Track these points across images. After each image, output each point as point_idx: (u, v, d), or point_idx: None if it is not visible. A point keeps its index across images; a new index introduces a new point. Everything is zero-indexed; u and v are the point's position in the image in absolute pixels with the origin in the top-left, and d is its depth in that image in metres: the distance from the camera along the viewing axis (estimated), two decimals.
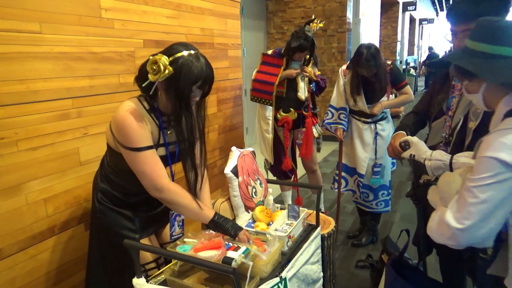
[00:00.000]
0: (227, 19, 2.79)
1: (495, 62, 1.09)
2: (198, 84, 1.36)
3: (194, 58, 1.34)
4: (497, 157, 1.01)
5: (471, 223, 1.05)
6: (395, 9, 10.82)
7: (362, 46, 2.64)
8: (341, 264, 2.70)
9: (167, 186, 1.38)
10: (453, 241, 1.10)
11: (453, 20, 1.51)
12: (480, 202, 1.04)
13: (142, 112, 1.39)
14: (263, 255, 1.38)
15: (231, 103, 2.93)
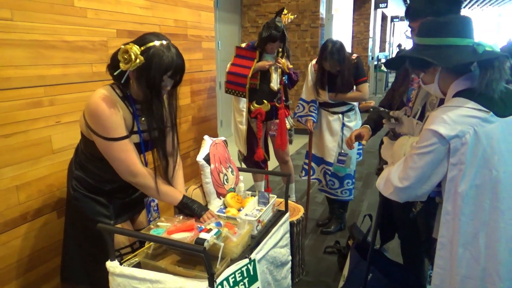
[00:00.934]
0: (201, 11, 2.82)
1: (444, 51, 1.25)
2: (169, 74, 1.40)
3: (165, 48, 1.38)
4: (435, 130, 1.19)
5: (409, 184, 1.28)
6: (367, 6, 11.05)
7: (328, 40, 2.76)
8: (311, 250, 2.82)
9: (141, 171, 1.44)
10: (394, 196, 1.34)
11: (412, 17, 1.64)
12: (417, 168, 1.25)
13: (115, 99, 1.42)
14: (233, 237, 1.45)
15: (205, 94, 2.98)
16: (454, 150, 1.19)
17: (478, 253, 1.20)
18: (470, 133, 1.17)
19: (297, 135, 4.87)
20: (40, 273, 1.78)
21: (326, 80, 2.83)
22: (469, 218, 1.20)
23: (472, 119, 1.19)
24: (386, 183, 1.36)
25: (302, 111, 3.03)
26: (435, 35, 1.28)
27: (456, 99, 1.25)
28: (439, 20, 1.30)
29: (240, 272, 1.43)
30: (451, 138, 1.18)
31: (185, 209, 1.53)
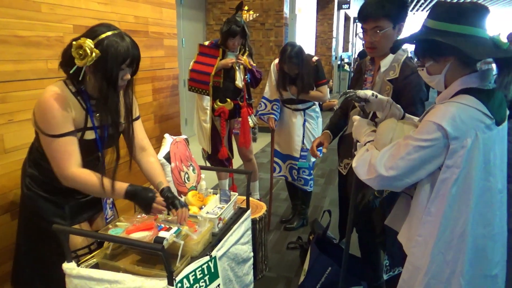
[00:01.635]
0: (162, 8, 2.79)
1: (468, 40, 1.13)
2: (127, 63, 1.38)
3: (118, 38, 1.35)
4: (441, 125, 1.11)
5: (395, 174, 1.19)
6: (330, 6, 11.28)
7: (288, 44, 2.84)
8: (274, 247, 2.87)
9: (72, 175, 1.38)
10: (373, 182, 1.25)
11: (364, 19, 1.70)
12: (410, 159, 1.16)
13: (68, 95, 1.38)
14: (194, 235, 1.46)
15: (167, 92, 2.95)
16: (453, 152, 1.12)
17: (450, 258, 1.17)
18: (471, 137, 1.11)
19: (262, 133, 4.93)
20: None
21: (287, 81, 2.89)
22: (449, 223, 1.16)
23: (478, 123, 1.13)
24: (368, 166, 1.25)
25: (264, 109, 3.07)
26: (455, 21, 1.15)
27: (466, 97, 1.16)
28: (460, 5, 1.17)
29: (200, 270, 1.43)
30: (453, 138, 1.11)
31: (135, 199, 1.43)
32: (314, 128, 3.05)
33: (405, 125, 1.33)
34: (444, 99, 1.22)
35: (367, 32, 1.71)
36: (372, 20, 1.66)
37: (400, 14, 1.67)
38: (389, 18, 1.65)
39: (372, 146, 1.33)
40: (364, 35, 1.74)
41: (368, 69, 1.88)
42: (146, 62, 2.67)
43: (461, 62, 1.18)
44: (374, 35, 1.68)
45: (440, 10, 1.19)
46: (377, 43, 1.70)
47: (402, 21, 1.71)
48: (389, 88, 1.72)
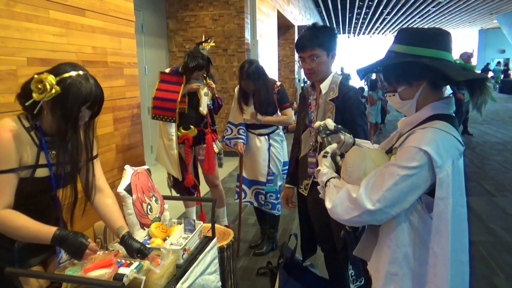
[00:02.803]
0: (121, 38, 2.78)
1: (441, 63, 1.13)
2: (87, 105, 1.36)
3: (83, 78, 1.35)
4: (426, 151, 1.06)
5: (382, 207, 1.10)
6: (291, 31, 11.65)
7: (246, 61, 2.92)
8: (244, 273, 2.82)
9: None
10: (360, 218, 1.14)
11: (301, 48, 1.90)
12: (397, 190, 1.09)
13: (20, 130, 1.33)
14: (156, 268, 1.41)
15: (128, 122, 2.90)
16: (441, 182, 1.08)
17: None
18: (450, 165, 1.09)
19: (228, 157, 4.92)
20: None
21: (249, 97, 2.93)
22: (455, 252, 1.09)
23: (455, 150, 1.12)
24: (351, 205, 1.15)
25: (230, 133, 3.08)
26: (425, 45, 1.15)
27: (441, 122, 1.14)
28: (427, 30, 1.19)
29: None
30: (438, 166, 1.07)
31: (63, 245, 1.34)
32: (279, 152, 3.08)
33: (373, 153, 1.26)
34: (413, 123, 1.21)
35: (305, 60, 1.91)
36: (309, 49, 1.87)
37: (331, 44, 1.89)
38: (323, 47, 1.87)
39: (343, 182, 1.24)
40: (302, 63, 1.94)
41: (310, 95, 2.06)
42: (106, 92, 2.57)
43: (432, 87, 1.19)
44: (311, 62, 1.90)
45: (408, 35, 1.20)
46: (315, 69, 1.91)
47: (334, 50, 1.92)
48: (331, 107, 1.90)
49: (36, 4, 2.01)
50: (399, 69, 1.20)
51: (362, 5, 17.58)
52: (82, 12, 2.35)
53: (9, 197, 1.32)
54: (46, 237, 1.33)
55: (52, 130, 1.39)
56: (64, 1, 2.20)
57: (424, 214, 1.15)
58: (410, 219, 1.17)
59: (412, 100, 1.20)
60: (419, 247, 1.16)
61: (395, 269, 1.18)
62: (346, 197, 1.17)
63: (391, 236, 1.19)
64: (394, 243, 1.18)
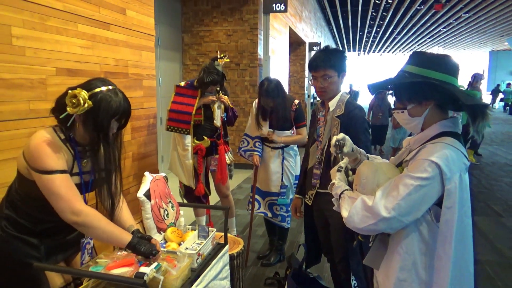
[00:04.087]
0: (141, 51, 2.91)
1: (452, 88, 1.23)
2: (116, 118, 1.47)
3: (112, 93, 1.45)
4: (438, 163, 1.15)
5: (396, 215, 1.17)
6: (302, 48, 11.83)
7: (265, 79, 3.00)
8: (252, 282, 2.87)
9: (85, 210, 1.40)
10: (376, 226, 1.21)
11: (315, 68, 2.03)
12: (411, 199, 1.17)
13: (57, 142, 1.43)
14: (173, 270, 1.49)
15: (145, 131, 3.01)
16: (448, 193, 1.17)
17: None
18: (458, 178, 1.17)
19: (238, 169, 5.01)
20: None
21: (267, 113, 3.03)
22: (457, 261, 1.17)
23: (462, 164, 1.20)
24: (367, 214, 1.22)
25: (247, 145, 3.17)
26: (437, 69, 1.25)
27: (451, 139, 1.23)
28: (438, 55, 1.29)
29: None
30: (447, 178, 1.16)
31: (135, 251, 1.46)
32: (292, 166, 3.15)
33: (384, 166, 1.35)
34: (422, 141, 1.30)
35: (317, 79, 2.04)
36: (322, 69, 2.01)
37: (342, 65, 2.03)
38: (335, 68, 2.00)
39: (357, 193, 1.32)
40: (314, 81, 2.07)
41: (320, 111, 2.18)
42: None
43: (438, 107, 1.28)
44: (323, 81, 2.03)
45: (421, 58, 1.30)
46: (326, 87, 2.04)
47: (344, 71, 2.06)
48: (337, 123, 2.01)
49: (66, 18, 2.14)
50: (411, 88, 1.28)
51: (373, 24, 17.80)
52: (107, 26, 2.49)
53: (79, 193, 1.43)
54: (122, 242, 1.45)
55: (85, 141, 1.50)
56: (92, 15, 2.34)
57: (432, 224, 1.22)
58: (420, 228, 1.24)
59: (420, 118, 1.30)
60: (428, 255, 1.23)
61: (404, 276, 1.25)
62: (362, 206, 1.24)
63: (401, 244, 1.26)
64: (404, 251, 1.25)
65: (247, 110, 6.40)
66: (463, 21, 16.00)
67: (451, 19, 15.55)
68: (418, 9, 14.44)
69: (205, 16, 6.49)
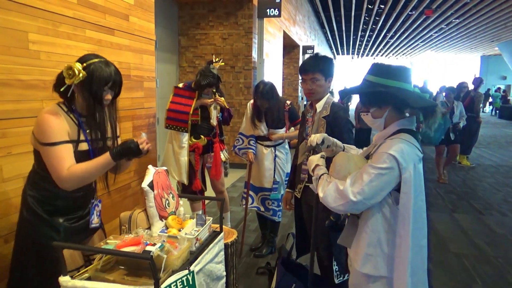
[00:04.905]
0: (143, 54, 3.11)
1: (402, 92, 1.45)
2: (109, 85, 1.65)
3: (104, 64, 1.64)
4: (394, 155, 1.37)
5: (361, 198, 1.39)
6: (296, 51, 12.08)
7: (261, 82, 3.22)
8: (245, 272, 3.07)
9: (67, 173, 1.56)
10: (344, 207, 1.44)
11: (305, 71, 2.25)
12: (373, 185, 1.38)
13: (61, 113, 1.61)
14: (174, 251, 1.68)
15: (145, 130, 3.20)
16: (404, 181, 1.38)
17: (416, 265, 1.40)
18: (412, 167, 1.39)
19: (233, 169, 5.21)
20: None
21: (260, 115, 3.24)
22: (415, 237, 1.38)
23: (415, 156, 1.42)
24: (339, 196, 1.44)
25: (241, 144, 3.38)
26: (392, 78, 1.47)
27: (406, 135, 1.44)
28: (394, 66, 1.51)
29: (181, 281, 1.65)
30: (403, 168, 1.37)
31: (123, 155, 1.63)
32: (283, 163, 3.37)
33: (356, 157, 1.60)
34: (383, 137, 1.53)
35: (306, 82, 2.26)
36: (311, 73, 2.23)
37: (329, 71, 2.25)
38: (322, 72, 2.22)
39: (332, 178, 1.54)
40: (303, 84, 2.29)
41: (308, 112, 2.40)
42: (127, 102, 2.94)
43: (396, 109, 1.52)
44: (311, 84, 2.24)
45: (379, 69, 1.53)
46: (314, 90, 2.24)
47: (331, 76, 2.29)
48: (323, 123, 2.22)
49: (76, 25, 2.33)
50: (371, 96, 1.53)
51: (366, 28, 18.10)
52: (112, 32, 2.68)
53: (72, 160, 1.60)
54: (108, 161, 1.61)
55: (84, 110, 1.67)
56: (98, 22, 2.53)
57: (393, 207, 1.45)
58: (383, 210, 1.47)
59: (381, 118, 1.54)
60: (390, 233, 1.45)
61: (371, 251, 1.48)
62: (335, 189, 1.47)
63: (368, 224, 1.49)
64: (370, 230, 1.48)
65: (242, 111, 6.60)
66: (454, 26, 16.35)
67: (442, 24, 15.90)
68: (409, 14, 14.76)
69: (201, 20, 6.69)
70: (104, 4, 2.58)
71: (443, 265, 3.29)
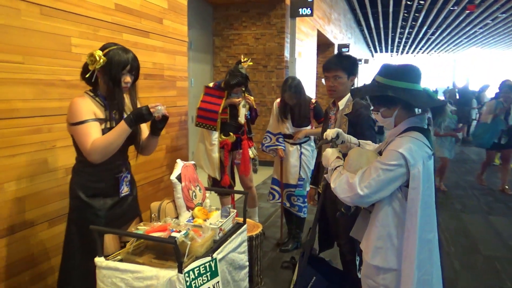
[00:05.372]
0: (175, 56, 3.28)
1: (410, 93, 1.50)
2: (127, 69, 1.81)
3: (121, 50, 1.80)
4: (403, 153, 1.44)
5: (368, 192, 1.46)
6: (331, 49, 12.01)
7: (289, 77, 3.34)
8: (270, 265, 3.17)
9: (92, 145, 1.72)
10: (351, 199, 1.52)
11: (327, 69, 2.31)
12: (379, 180, 1.44)
13: (88, 98, 1.81)
14: (198, 238, 1.81)
15: (177, 127, 3.38)
16: (413, 177, 1.43)
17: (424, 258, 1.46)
18: (421, 164, 1.44)
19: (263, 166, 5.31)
20: (30, 275, 2.05)
21: (288, 110, 3.33)
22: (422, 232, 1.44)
23: (424, 153, 1.47)
24: (348, 188, 1.52)
25: (269, 141, 3.50)
26: (400, 79, 1.52)
27: (415, 133, 1.50)
28: (403, 66, 1.56)
29: (204, 267, 1.78)
30: (411, 165, 1.42)
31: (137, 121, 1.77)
32: (309, 160, 3.45)
33: (369, 153, 1.67)
34: (394, 134, 1.59)
35: (329, 79, 2.32)
36: (333, 70, 2.28)
37: (352, 69, 2.29)
38: (345, 70, 2.27)
39: (345, 170, 1.63)
40: (326, 81, 2.35)
41: (331, 110, 2.47)
42: (160, 100, 3.10)
43: (405, 108, 1.57)
44: (334, 81, 2.30)
45: (388, 70, 1.59)
46: (336, 87, 2.30)
47: (354, 75, 2.30)
48: (345, 120, 2.26)
49: (113, 29, 2.52)
50: (380, 98, 1.59)
51: (405, 25, 17.63)
52: (147, 35, 2.86)
53: (98, 135, 1.77)
54: (124, 128, 1.76)
55: (106, 92, 1.83)
56: (134, 26, 2.72)
57: (403, 202, 1.49)
58: (393, 205, 1.53)
59: (391, 118, 1.60)
60: (400, 228, 1.50)
61: (380, 244, 1.54)
62: (345, 181, 1.56)
63: (378, 218, 1.55)
64: (380, 224, 1.54)
65: None
66: (501, 21, 15.59)
67: (487, 19, 15.21)
68: (451, 9, 14.24)
69: (235, 21, 6.85)
70: (140, 9, 2.77)
71: (471, 267, 3.23)
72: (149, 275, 1.64)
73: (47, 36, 2.05)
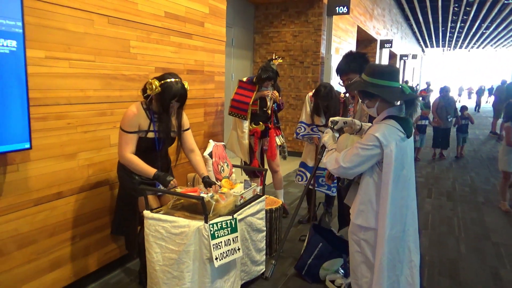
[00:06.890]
0: (214, 54, 3.79)
1: (388, 90, 1.88)
2: (176, 99, 2.31)
3: (174, 83, 2.29)
4: (377, 136, 1.83)
5: (349, 166, 1.90)
6: (373, 45, 12.06)
7: (321, 85, 3.68)
8: (290, 238, 3.60)
9: (127, 157, 2.29)
10: (337, 170, 1.96)
11: (339, 74, 2.70)
12: (359, 156, 1.86)
13: (140, 109, 2.33)
14: (222, 201, 2.30)
15: (213, 115, 3.90)
16: (386, 155, 1.82)
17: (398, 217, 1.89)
18: (393, 145, 1.83)
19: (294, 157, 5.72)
20: (94, 225, 2.65)
21: (321, 109, 3.74)
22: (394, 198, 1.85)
23: (397, 136, 1.85)
24: (334, 162, 1.96)
25: (304, 131, 3.89)
26: (381, 77, 1.90)
27: (390, 120, 1.88)
28: (384, 67, 1.95)
29: (225, 223, 2.26)
30: (384, 145, 1.81)
31: (158, 180, 2.30)
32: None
33: (354, 137, 2.09)
34: (377, 121, 1.99)
35: (344, 81, 2.70)
36: (345, 75, 2.68)
37: (363, 67, 2.56)
38: (355, 72, 2.62)
39: (335, 151, 2.09)
40: (341, 83, 2.72)
41: (350, 103, 2.86)
42: (200, 92, 3.64)
43: (383, 101, 1.95)
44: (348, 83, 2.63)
45: (371, 70, 1.97)
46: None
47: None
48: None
49: (163, 33, 3.07)
50: (363, 92, 1.98)
51: (456, 19, 17.06)
52: (190, 36, 3.39)
53: (133, 147, 2.33)
54: (149, 173, 2.31)
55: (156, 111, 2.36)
56: (180, 29, 3.25)
57: (381, 174, 1.89)
58: (373, 177, 1.93)
59: (374, 108, 1.99)
60: (378, 195, 1.91)
61: (362, 208, 1.95)
62: (334, 157, 2.01)
63: (361, 187, 1.97)
64: (363, 192, 1.95)
65: None
66: None
67: None
68: (506, 3, 13.67)
69: (274, 19, 7.28)
70: (185, 15, 3.29)
71: (476, 251, 3.47)
72: (182, 224, 2.16)
73: (112, 40, 2.62)
